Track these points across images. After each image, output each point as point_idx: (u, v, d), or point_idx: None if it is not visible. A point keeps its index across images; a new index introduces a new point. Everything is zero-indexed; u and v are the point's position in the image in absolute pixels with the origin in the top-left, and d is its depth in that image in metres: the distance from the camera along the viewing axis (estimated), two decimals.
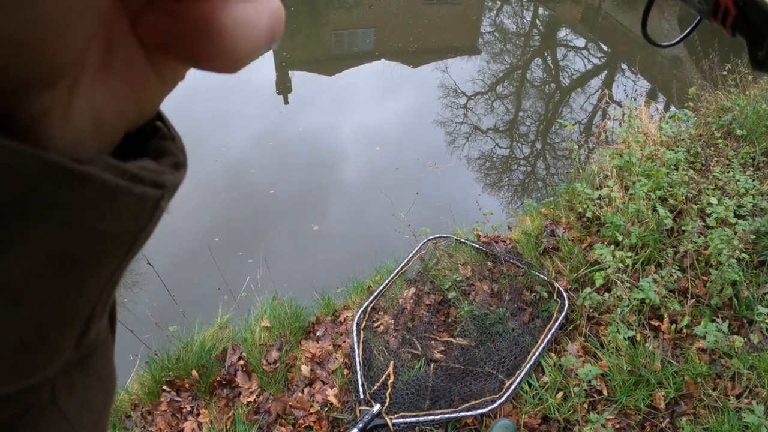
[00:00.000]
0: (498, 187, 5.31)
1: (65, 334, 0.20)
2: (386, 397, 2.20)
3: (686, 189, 3.02)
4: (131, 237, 0.20)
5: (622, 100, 5.81)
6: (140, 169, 0.20)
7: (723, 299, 2.47)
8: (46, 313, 0.18)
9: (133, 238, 0.21)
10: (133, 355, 2.57)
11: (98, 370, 0.25)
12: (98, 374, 0.25)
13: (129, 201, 0.19)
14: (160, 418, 2.20)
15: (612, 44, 8.68)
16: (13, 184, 0.16)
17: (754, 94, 4.10)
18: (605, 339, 2.38)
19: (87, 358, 0.24)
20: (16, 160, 0.15)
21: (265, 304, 2.75)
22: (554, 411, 2.15)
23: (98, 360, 0.25)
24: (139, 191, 0.19)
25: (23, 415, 0.20)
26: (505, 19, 9.86)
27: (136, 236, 0.21)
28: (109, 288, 0.22)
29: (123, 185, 0.18)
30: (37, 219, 0.16)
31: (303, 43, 8.66)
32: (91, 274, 0.20)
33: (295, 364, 2.43)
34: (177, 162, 0.23)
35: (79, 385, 0.24)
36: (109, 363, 0.27)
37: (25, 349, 0.18)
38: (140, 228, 0.21)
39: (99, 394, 0.26)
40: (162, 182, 0.21)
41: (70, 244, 0.18)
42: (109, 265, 0.21)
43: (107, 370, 0.27)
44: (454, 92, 6.90)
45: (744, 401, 2.12)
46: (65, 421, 0.23)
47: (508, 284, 2.67)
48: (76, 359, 0.23)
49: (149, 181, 0.20)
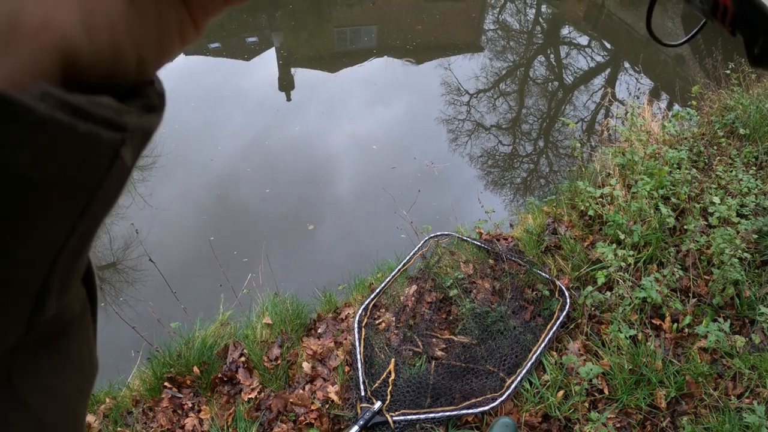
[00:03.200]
0: (500, 185, 5.30)
1: (5, 310, 0.17)
2: (387, 394, 2.20)
3: (689, 188, 3.01)
4: (84, 192, 0.17)
5: (625, 99, 5.80)
6: (90, 103, 0.16)
7: (725, 299, 2.47)
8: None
9: (87, 194, 0.17)
10: (135, 351, 2.57)
11: (72, 353, 0.22)
12: (72, 358, 0.22)
13: (71, 142, 0.15)
14: (161, 414, 2.21)
15: (615, 42, 8.65)
16: None
17: (758, 93, 4.08)
18: (606, 338, 2.38)
19: (57, 339, 0.21)
20: None
21: (267, 301, 2.75)
22: (555, 409, 2.15)
23: (72, 342, 0.22)
24: (85, 130, 0.15)
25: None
26: (508, 17, 9.83)
27: (91, 192, 0.17)
28: (65, 257, 0.18)
29: (62, 120, 0.15)
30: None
31: (306, 40, 8.65)
32: (27, 237, 0.16)
33: (296, 361, 2.43)
34: (148, 104, 0.19)
35: (47, 370, 0.21)
36: (86, 346, 0.24)
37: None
38: (95, 181, 0.17)
39: (72, 379, 0.23)
40: (121, 123, 0.17)
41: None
42: (56, 226, 0.16)
43: (84, 354, 0.24)
44: (457, 90, 6.89)
45: (745, 401, 2.12)
46: (23, 407, 0.20)
47: (509, 282, 2.67)
48: (38, 340, 0.20)
49: (101, 119, 0.16)
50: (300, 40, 8.51)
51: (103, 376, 2.44)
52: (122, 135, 0.17)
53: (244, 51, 7.80)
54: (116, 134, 0.17)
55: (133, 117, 0.17)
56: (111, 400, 2.29)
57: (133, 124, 0.17)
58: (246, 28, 8.45)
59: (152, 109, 0.19)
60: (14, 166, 0.14)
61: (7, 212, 0.15)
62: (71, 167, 0.15)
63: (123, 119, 0.17)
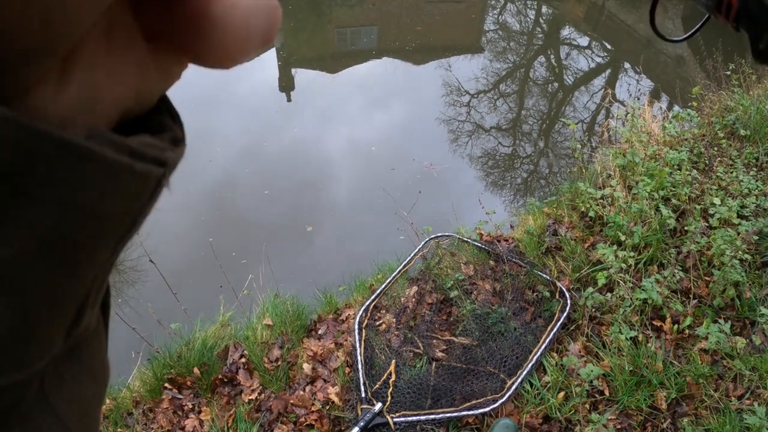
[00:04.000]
0: (501, 186, 5.30)
1: (56, 324, 0.19)
2: (388, 395, 2.20)
3: (689, 189, 3.01)
4: (130, 218, 0.19)
5: (626, 100, 5.80)
6: (142, 145, 0.18)
7: (725, 300, 2.46)
8: (38, 300, 0.17)
9: (132, 219, 0.19)
10: (135, 352, 2.57)
11: (89, 362, 0.24)
12: (89, 366, 0.24)
13: (131, 179, 0.18)
14: (161, 415, 2.21)
15: (615, 43, 8.66)
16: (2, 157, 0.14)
17: (758, 94, 4.08)
18: (607, 339, 2.38)
19: (77, 349, 0.23)
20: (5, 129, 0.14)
21: (267, 302, 2.75)
22: (556, 411, 2.14)
23: (89, 351, 0.24)
24: (141, 169, 0.18)
25: (11, 410, 0.19)
26: (508, 18, 9.84)
27: (135, 217, 0.19)
28: (102, 273, 0.20)
29: (125, 162, 0.17)
30: (29, 197, 0.15)
31: (306, 41, 8.66)
32: (87, 258, 0.18)
33: (296, 363, 2.43)
34: (176, 137, 0.22)
35: (69, 378, 0.23)
36: (100, 354, 0.26)
37: (14, 340, 0.17)
38: (140, 208, 0.19)
39: (89, 386, 0.24)
40: (164, 159, 0.19)
41: (65, 226, 0.16)
42: (106, 247, 0.19)
43: (99, 362, 0.25)
44: (458, 90, 6.89)
45: (746, 402, 2.11)
46: (53, 415, 0.22)
47: (510, 283, 2.67)
48: (66, 350, 0.21)
49: (151, 158, 0.18)
50: (300, 41, 8.51)
51: None
52: (164, 169, 0.20)
53: None
54: (161, 169, 0.19)
55: (170, 153, 0.20)
56: (111, 401, 2.29)
57: (172, 159, 0.20)
58: None
59: (180, 142, 0.22)
60: (84, 200, 0.16)
61: (79, 239, 0.17)
62: (127, 200, 0.18)
63: (165, 156, 0.20)
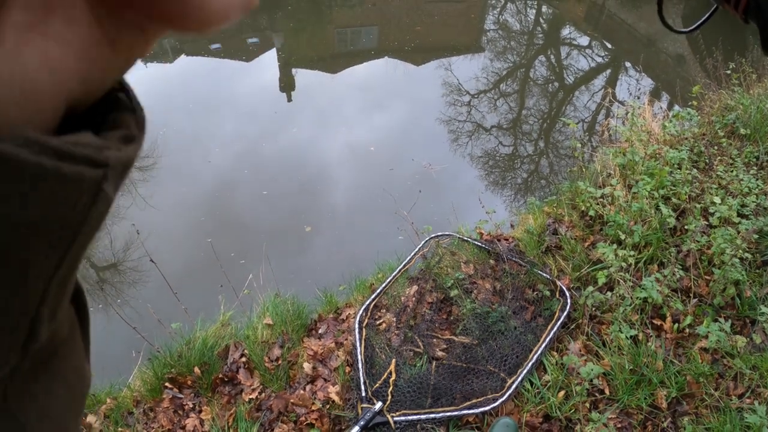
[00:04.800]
0: (501, 186, 5.30)
1: (3, 341, 0.18)
2: (388, 394, 2.20)
3: (689, 188, 3.01)
4: (71, 228, 0.17)
5: (626, 99, 5.79)
6: (70, 144, 0.16)
7: (726, 299, 2.46)
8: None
9: (74, 228, 0.17)
10: (136, 351, 2.58)
11: (63, 372, 0.23)
12: (64, 377, 0.23)
13: (58, 184, 0.16)
14: (162, 414, 2.21)
15: (616, 42, 8.65)
16: None
17: (758, 93, 4.08)
18: (607, 338, 2.38)
19: (47, 361, 0.22)
20: None
21: (268, 302, 2.75)
22: (556, 410, 2.14)
23: (62, 361, 0.23)
24: (70, 171, 0.16)
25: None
26: (509, 17, 9.84)
27: (77, 227, 0.18)
28: (55, 287, 0.19)
29: (47, 165, 0.15)
30: None
31: (307, 41, 8.66)
32: (23, 272, 0.17)
33: (297, 362, 2.43)
34: (127, 135, 0.19)
35: (41, 392, 0.22)
36: (76, 363, 0.24)
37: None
38: (81, 216, 0.17)
39: (63, 401, 0.23)
40: (102, 160, 0.17)
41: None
42: (47, 260, 0.17)
43: (75, 371, 0.24)
44: (458, 90, 6.89)
45: (746, 401, 2.11)
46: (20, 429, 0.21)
47: (510, 282, 2.67)
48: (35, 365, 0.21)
49: (83, 158, 0.17)
50: (300, 41, 8.52)
51: (104, 376, 2.44)
52: (104, 171, 0.17)
53: (244, 52, 7.81)
54: (98, 170, 0.17)
55: (113, 152, 0.18)
56: (112, 400, 2.29)
57: (114, 158, 0.18)
58: (246, 30, 8.46)
59: (131, 140, 0.20)
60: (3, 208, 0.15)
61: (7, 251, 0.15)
62: (58, 206, 0.16)
63: (104, 155, 0.17)
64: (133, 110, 0.21)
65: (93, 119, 0.20)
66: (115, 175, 0.18)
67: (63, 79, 0.17)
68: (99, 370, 2.48)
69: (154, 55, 7.76)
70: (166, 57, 7.76)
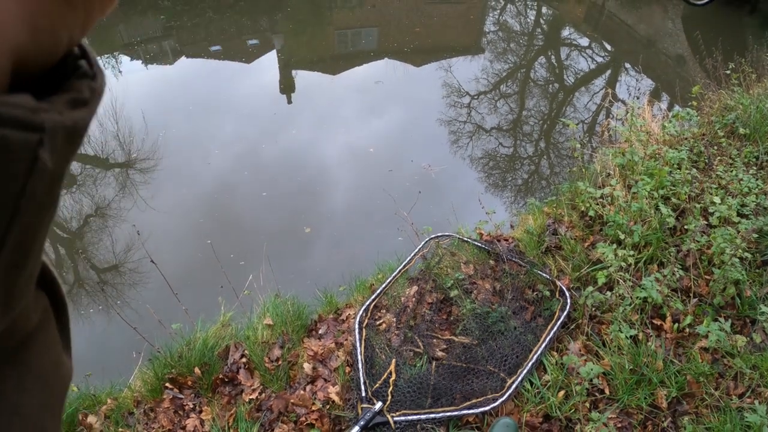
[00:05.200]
0: (501, 186, 5.30)
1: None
2: (388, 395, 2.20)
3: (689, 188, 3.01)
4: (6, 200, 0.15)
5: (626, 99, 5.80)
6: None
7: (725, 298, 2.46)
8: None
9: (9, 201, 0.15)
10: (136, 352, 2.58)
11: (36, 365, 0.21)
12: (37, 370, 0.21)
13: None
14: (162, 415, 2.21)
15: (615, 43, 8.66)
16: None
17: (758, 92, 4.08)
18: (607, 338, 2.38)
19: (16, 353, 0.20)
20: None
21: (268, 302, 2.76)
22: (556, 410, 2.15)
23: (35, 355, 0.21)
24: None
25: None
26: (508, 18, 9.85)
27: (14, 200, 0.15)
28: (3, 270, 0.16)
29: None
30: None
31: (306, 43, 8.67)
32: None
33: (297, 362, 2.44)
34: (76, 99, 0.18)
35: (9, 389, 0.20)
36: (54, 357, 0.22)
37: None
38: (17, 189, 0.15)
39: (36, 396, 0.21)
40: (36, 123, 0.15)
41: None
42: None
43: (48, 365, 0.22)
44: (458, 92, 6.90)
45: (746, 401, 2.11)
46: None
47: (510, 283, 2.67)
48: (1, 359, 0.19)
49: (11, 120, 0.15)
50: (300, 43, 8.53)
51: (104, 376, 2.44)
52: (40, 135, 0.15)
53: (244, 54, 7.82)
54: (32, 135, 0.15)
55: (53, 115, 0.16)
56: (112, 400, 2.29)
57: (52, 122, 0.16)
58: (246, 31, 8.48)
59: (81, 104, 0.18)
60: None
61: None
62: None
63: (39, 118, 0.15)
64: (93, 77, 0.19)
65: (49, 86, 0.18)
66: (56, 142, 0.16)
67: (12, 39, 0.16)
68: (99, 371, 2.49)
69: (154, 57, 7.78)
70: (166, 59, 7.78)
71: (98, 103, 0.19)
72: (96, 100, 0.19)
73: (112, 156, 5.25)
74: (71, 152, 0.17)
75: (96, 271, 4.05)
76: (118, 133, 5.47)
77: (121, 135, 5.44)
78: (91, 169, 5.13)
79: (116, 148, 5.31)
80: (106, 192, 4.72)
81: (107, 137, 5.45)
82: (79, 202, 4.66)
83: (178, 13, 9.01)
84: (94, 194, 4.73)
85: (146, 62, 7.59)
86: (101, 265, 4.08)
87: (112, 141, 5.40)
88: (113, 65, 7.22)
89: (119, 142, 5.39)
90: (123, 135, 5.44)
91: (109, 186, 4.82)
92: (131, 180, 4.85)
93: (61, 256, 4.22)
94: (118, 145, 5.34)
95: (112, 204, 4.58)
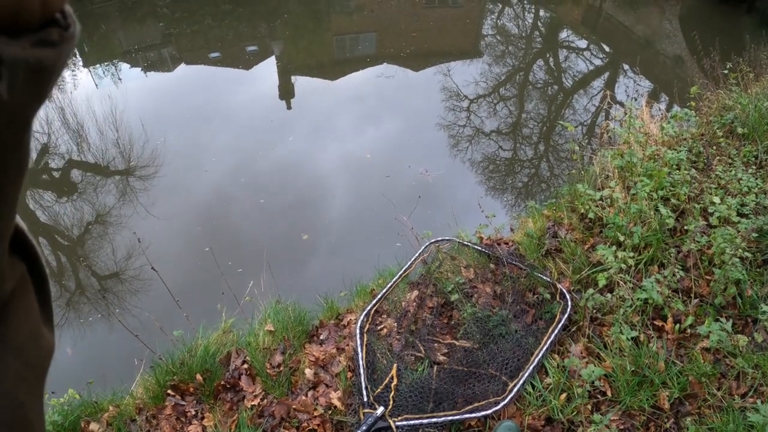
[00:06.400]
0: (501, 190, 5.31)
1: None
2: (390, 399, 2.20)
3: (688, 188, 3.01)
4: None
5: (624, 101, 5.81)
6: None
7: (727, 298, 2.46)
8: None
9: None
10: (138, 359, 2.58)
11: (13, 338, 0.21)
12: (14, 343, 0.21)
13: None
14: (164, 422, 2.21)
15: (613, 45, 8.68)
16: None
17: (756, 92, 4.09)
18: (608, 340, 2.37)
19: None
20: None
21: (269, 309, 2.76)
22: (558, 412, 2.14)
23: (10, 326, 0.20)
24: None
25: None
26: (506, 22, 9.87)
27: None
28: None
29: None
30: None
31: (305, 48, 8.69)
32: None
33: (298, 368, 2.43)
34: (43, 40, 0.17)
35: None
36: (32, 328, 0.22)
37: None
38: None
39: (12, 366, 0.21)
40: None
41: None
42: None
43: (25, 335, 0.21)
44: (456, 95, 6.91)
45: (749, 400, 2.11)
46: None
47: (510, 286, 2.67)
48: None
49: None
50: (299, 49, 8.56)
51: (106, 383, 2.44)
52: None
53: (243, 60, 7.84)
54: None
55: (14, 48, 0.15)
56: (114, 407, 2.29)
57: (12, 54, 0.15)
58: (245, 38, 8.51)
59: (48, 44, 0.17)
60: None
61: None
62: None
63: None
64: (67, 28, 0.19)
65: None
66: (17, 76, 0.16)
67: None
68: (101, 378, 2.49)
69: (153, 64, 7.80)
70: (165, 66, 7.80)
71: (69, 48, 0.19)
72: (66, 45, 0.18)
73: (112, 163, 5.26)
74: (36, 93, 0.16)
75: (97, 279, 4.06)
76: (118, 140, 5.49)
77: (121, 143, 5.46)
78: (92, 176, 5.14)
79: (116, 156, 5.32)
80: (107, 199, 4.74)
81: (107, 145, 5.47)
82: (80, 210, 4.67)
83: (176, 20, 9.04)
84: (95, 201, 4.74)
85: (145, 69, 7.61)
86: (102, 273, 4.09)
87: (113, 148, 5.42)
88: (113, 73, 7.25)
89: (119, 149, 5.40)
90: (123, 142, 5.45)
91: (109, 193, 4.84)
92: (131, 187, 4.87)
93: (63, 263, 4.23)
94: (118, 153, 5.36)
95: (113, 211, 4.59)
